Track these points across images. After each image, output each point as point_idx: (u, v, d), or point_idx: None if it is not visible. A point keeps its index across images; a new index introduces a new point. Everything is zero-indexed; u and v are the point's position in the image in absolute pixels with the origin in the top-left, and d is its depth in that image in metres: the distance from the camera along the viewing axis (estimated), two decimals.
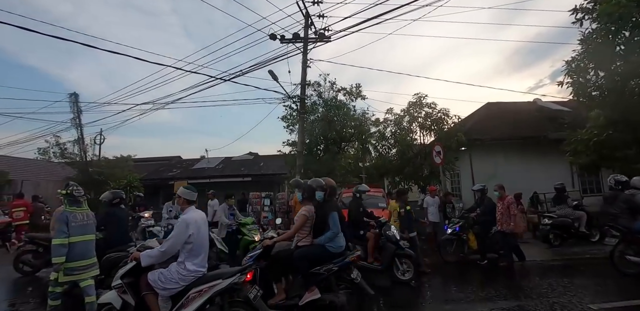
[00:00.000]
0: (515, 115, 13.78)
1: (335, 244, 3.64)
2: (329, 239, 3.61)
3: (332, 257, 3.61)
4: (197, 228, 2.99)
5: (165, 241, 3.00)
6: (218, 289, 2.86)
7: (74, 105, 17.76)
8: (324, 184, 3.90)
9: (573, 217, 7.80)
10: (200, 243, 3.02)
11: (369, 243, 5.56)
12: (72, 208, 3.70)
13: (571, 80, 8.69)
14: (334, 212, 3.68)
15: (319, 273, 3.52)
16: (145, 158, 23.82)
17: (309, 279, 3.49)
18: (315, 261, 3.56)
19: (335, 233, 3.62)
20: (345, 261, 3.62)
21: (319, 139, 11.73)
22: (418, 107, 11.30)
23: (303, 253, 3.58)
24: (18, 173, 20.68)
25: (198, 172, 19.43)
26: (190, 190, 3.18)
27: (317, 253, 3.58)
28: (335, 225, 3.62)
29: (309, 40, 10.72)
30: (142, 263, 2.91)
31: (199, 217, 3.11)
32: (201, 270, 2.99)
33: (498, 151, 11.95)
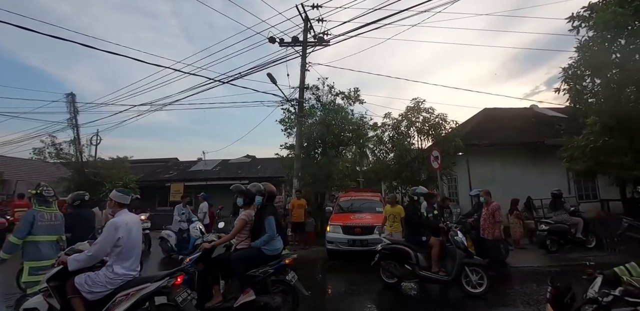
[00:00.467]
0: (512, 121, 13.86)
1: (271, 247, 3.76)
2: (265, 242, 3.72)
3: (268, 260, 3.73)
4: (128, 231, 2.96)
5: (93, 245, 2.98)
6: (145, 292, 2.84)
7: (71, 105, 17.69)
8: (262, 189, 4.03)
9: (570, 223, 7.81)
10: (130, 246, 2.99)
11: (433, 250, 5.16)
12: (40, 207, 3.74)
13: (568, 87, 8.78)
14: (271, 216, 3.80)
15: (255, 275, 3.62)
16: (141, 160, 23.67)
17: (245, 281, 3.58)
18: (251, 264, 3.66)
19: (271, 237, 3.73)
20: (281, 264, 3.74)
21: (316, 143, 11.71)
22: (416, 112, 11.35)
23: (240, 256, 3.68)
24: (12, 173, 20.51)
25: (195, 174, 19.33)
26: (123, 193, 3.18)
27: (254, 256, 3.70)
28: (271, 229, 3.73)
29: (308, 44, 10.76)
30: (69, 267, 2.87)
31: (131, 220, 3.08)
32: (131, 273, 2.96)
33: (495, 156, 12.00)
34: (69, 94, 17.91)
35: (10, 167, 21.00)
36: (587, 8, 8.53)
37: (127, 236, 2.93)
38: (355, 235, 7.42)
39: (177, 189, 15.88)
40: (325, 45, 10.68)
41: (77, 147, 17.85)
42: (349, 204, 9.26)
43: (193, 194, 15.73)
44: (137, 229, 3.10)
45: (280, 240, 3.90)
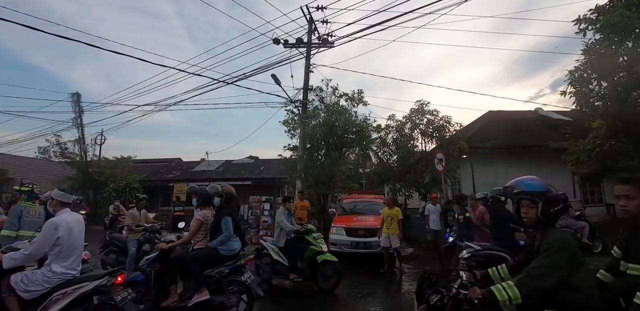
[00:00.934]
0: (516, 124, 13.79)
1: (228, 247, 3.81)
2: (221, 242, 3.77)
3: (224, 260, 3.78)
4: (68, 230, 2.95)
5: (31, 243, 2.99)
6: (83, 291, 2.84)
7: (76, 105, 17.83)
8: (220, 190, 4.11)
9: (575, 228, 7.72)
10: (71, 245, 2.98)
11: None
12: (27, 203, 3.85)
13: (574, 90, 8.68)
14: (228, 217, 3.85)
15: (210, 275, 3.67)
16: (145, 160, 23.77)
17: (200, 281, 3.63)
18: (207, 264, 3.71)
19: (227, 237, 3.78)
20: (237, 265, 3.80)
21: (320, 144, 11.71)
22: (420, 114, 11.32)
23: (196, 256, 3.73)
24: (18, 171, 20.63)
25: (198, 174, 19.37)
26: (66, 192, 3.20)
27: (210, 256, 3.75)
28: (228, 229, 3.78)
29: (312, 46, 10.76)
30: (4, 265, 2.86)
31: (72, 219, 3.08)
32: (70, 272, 2.95)
33: (499, 159, 11.92)
34: (74, 94, 18.09)
35: (15, 165, 21.14)
36: (594, 10, 8.46)
37: (67, 236, 2.93)
38: (359, 237, 7.39)
39: (180, 189, 15.90)
40: (329, 46, 10.67)
41: (81, 146, 17.99)
42: (352, 206, 9.22)
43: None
44: (79, 228, 3.10)
45: (238, 241, 3.96)
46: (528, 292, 1.80)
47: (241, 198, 14.52)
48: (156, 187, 18.09)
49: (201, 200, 4.09)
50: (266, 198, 11.41)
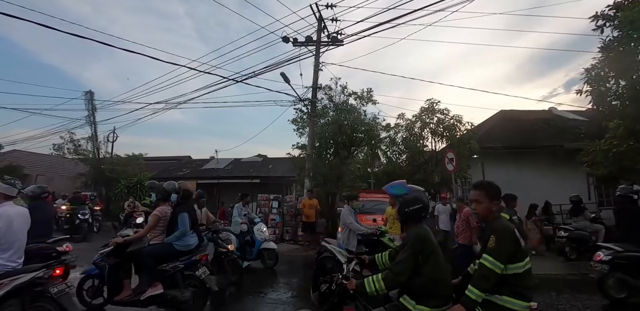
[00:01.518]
0: (529, 124, 13.50)
1: (183, 243, 3.87)
2: (177, 238, 3.84)
3: (179, 255, 3.85)
4: (8, 222, 2.98)
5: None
6: (19, 283, 2.86)
7: (89, 103, 18.15)
8: (178, 187, 4.19)
9: (590, 230, 7.53)
10: (11, 238, 3.00)
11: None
12: None
13: (590, 88, 8.46)
14: (184, 213, 3.93)
15: (164, 269, 3.73)
16: (155, 157, 24.11)
17: (155, 275, 3.69)
18: (162, 259, 3.77)
19: (183, 233, 3.85)
20: (192, 260, 3.86)
21: (328, 143, 11.65)
22: (430, 113, 11.17)
23: (151, 251, 3.80)
24: (33, 168, 21.15)
25: (207, 172, 19.54)
26: (10, 185, 3.25)
27: (165, 251, 3.82)
28: (183, 225, 3.85)
29: (321, 44, 10.73)
30: None
31: (14, 211, 3.12)
32: (9, 264, 2.97)
33: (511, 160, 11.70)
34: (88, 92, 18.40)
35: (30, 162, 21.67)
36: (612, 6, 8.22)
37: (6, 228, 2.97)
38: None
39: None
40: (338, 44, 10.63)
41: (94, 143, 18.31)
42: (361, 205, 9.14)
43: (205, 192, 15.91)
44: (20, 221, 3.14)
45: (195, 237, 4.04)
46: (391, 285, 2.14)
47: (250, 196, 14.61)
48: None
49: (160, 196, 4.16)
50: (274, 197, 11.43)
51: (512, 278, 1.96)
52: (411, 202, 2.35)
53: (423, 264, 2.15)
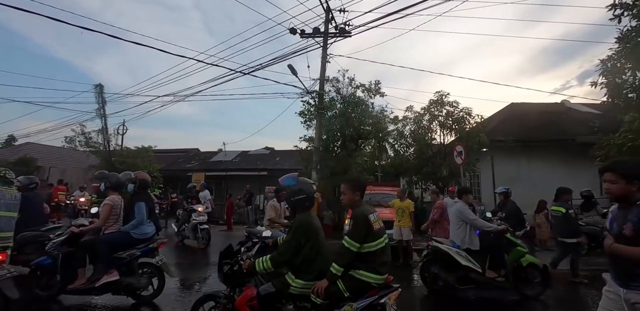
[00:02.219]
0: (540, 117, 13.21)
1: (140, 231, 3.96)
2: (134, 226, 3.91)
3: (136, 243, 3.91)
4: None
5: None
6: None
7: (99, 96, 18.33)
8: (134, 177, 4.30)
9: (602, 226, 7.40)
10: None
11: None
12: (3, 187, 4.02)
13: (606, 80, 8.23)
14: (141, 202, 4.01)
15: (121, 257, 3.80)
16: (164, 150, 24.36)
17: (111, 262, 3.75)
18: (118, 247, 3.84)
19: (139, 222, 3.93)
20: (149, 247, 3.93)
21: (336, 135, 11.62)
22: (439, 106, 11.02)
23: (107, 239, 3.88)
24: (46, 160, 21.57)
25: (215, 164, 19.71)
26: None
27: (121, 240, 3.90)
28: (140, 214, 3.94)
29: (329, 35, 10.59)
30: None
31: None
32: None
33: (521, 154, 11.51)
34: (97, 85, 18.56)
35: (43, 154, 22.09)
36: None
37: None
38: None
39: (198, 179, 16.25)
40: (346, 36, 10.47)
41: (104, 136, 18.55)
42: (368, 198, 9.15)
43: (213, 184, 16.08)
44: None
45: (152, 226, 4.12)
46: (276, 264, 2.46)
47: (257, 188, 14.78)
48: (175, 177, 18.56)
49: (109, 185, 4.20)
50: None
51: (366, 256, 2.36)
52: (296, 192, 2.61)
53: (304, 246, 2.45)
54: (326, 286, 2.30)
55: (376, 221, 2.45)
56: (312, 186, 2.73)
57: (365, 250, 2.36)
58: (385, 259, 2.42)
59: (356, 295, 2.33)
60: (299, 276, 2.45)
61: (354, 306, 2.26)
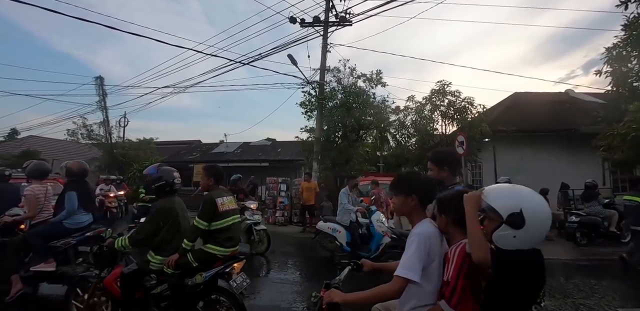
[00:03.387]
0: (544, 107, 13.07)
1: (73, 221, 3.91)
2: (65, 216, 3.85)
3: (71, 233, 3.87)
4: None
5: None
6: None
7: (99, 88, 18.26)
8: (64, 166, 4.22)
9: (603, 216, 7.39)
10: None
11: None
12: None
13: (611, 69, 8.09)
14: (72, 192, 3.93)
15: (56, 246, 3.76)
16: (166, 142, 24.39)
17: (45, 252, 3.72)
18: (52, 237, 3.80)
19: (69, 211, 3.86)
20: (85, 236, 3.90)
21: (337, 126, 11.55)
22: (441, 95, 10.91)
23: (39, 231, 3.84)
24: (49, 153, 21.67)
25: (217, 155, 19.74)
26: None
27: (54, 230, 3.84)
28: (70, 203, 3.86)
29: (329, 24, 10.41)
30: None
31: None
32: None
33: (524, 144, 11.44)
34: (98, 77, 18.47)
35: (46, 147, 22.18)
36: None
37: None
38: None
39: (200, 170, 16.33)
40: (347, 24, 10.30)
41: (106, 128, 18.57)
42: (369, 188, 9.17)
43: None
44: None
45: (88, 215, 4.04)
46: (134, 243, 2.77)
47: (259, 179, 14.81)
48: (177, 168, 18.54)
49: (29, 174, 4.17)
50: (283, 180, 11.52)
51: (215, 232, 2.75)
52: (156, 179, 2.89)
53: (162, 227, 2.75)
54: (177, 259, 2.64)
55: (225, 203, 2.83)
56: (173, 174, 2.96)
57: (213, 228, 2.75)
58: (230, 235, 2.81)
59: (205, 265, 2.67)
60: (158, 253, 2.75)
61: (203, 275, 2.60)
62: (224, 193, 2.92)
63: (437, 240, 1.52)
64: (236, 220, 2.95)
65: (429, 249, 1.46)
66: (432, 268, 1.47)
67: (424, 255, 1.44)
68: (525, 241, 1.28)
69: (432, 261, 1.47)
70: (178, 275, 2.68)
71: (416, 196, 1.58)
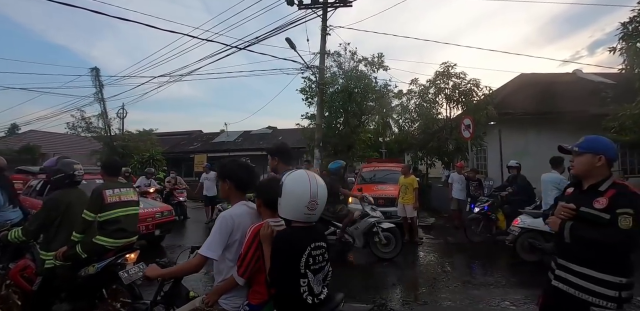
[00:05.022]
0: (551, 88, 12.66)
1: (1, 218, 3.82)
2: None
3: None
4: None
5: None
6: None
7: (95, 80, 17.92)
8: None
9: None
10: None
11: None
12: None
13: (626, 45, 7.68)
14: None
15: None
16: (167, 133, 24.20)
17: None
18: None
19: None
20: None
21: (338, 112, 11.29)
22: (445, 78, 10.53)
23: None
24: (49, 147, 21.56)
25: (217, 145, 19.58)
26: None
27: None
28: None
29: (328, 4, 9.97)
30: None
31: None
32: None
33: (531, 126, 11.14)
34: (93, 69, 18.10)
35: (47, 141, 22.05)
36: None
37: None
38: (378, 207, 7.22)
39: (201, 160, 16.22)
40: (347, 4, 9.85)
41: (105, 120, 18.34)
42: (372, 175, 9.00)
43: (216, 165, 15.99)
44: None
45: (17, 211, 3.96)
46: (26, 234, 2.78)
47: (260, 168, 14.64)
48: (178, 159, 18.50)
49: None
50: None
51: (104, 224, 2.80)
52: (54, 172, 2.88)
53: (55, 218, 2.77)
54: (65, 250, 2.68)
55: (114, 195, 2.89)
56: (73, 166, 2.92)
57: (102, 219, 2.80)
58: (121, 227, 2.86)
59: (96, 256, 2.75)
60: (49, 249, 2.76)
61: (95, 266, 2.67)
62: (117, 185, 2.99)
63: (246, 220, 1.71)
64: (130, 212, 3.00)
65: (231, 229, 1.65)
66: (236, 245, 1.65)
67: (224, 235, 1.63)
68: (282, 209, 1.56)
69: (235, 240, 1.65)
70: (69, 266, 2.73)
71: (230, 181, 1.80)
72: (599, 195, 1.68)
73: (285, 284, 1.50)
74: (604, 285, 1.59)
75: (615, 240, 1.57)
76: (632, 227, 1.52)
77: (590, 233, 1.64)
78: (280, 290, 1.51)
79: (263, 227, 1.59)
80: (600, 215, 1.63)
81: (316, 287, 1.54)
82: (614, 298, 1.57)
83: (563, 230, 1.70)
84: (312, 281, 1.52)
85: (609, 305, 1.57)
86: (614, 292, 1.57)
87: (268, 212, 1.71)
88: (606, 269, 1.60)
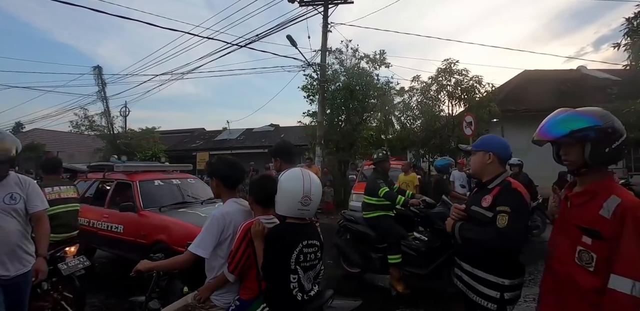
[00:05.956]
0: (555, 84, 12.57)
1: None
2: None
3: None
4: None
5: None
6: None
7: (98, 78, 17.99)
8: None
9: None
10: None
11: None
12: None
13: (631, 41, 7.61)
14: None
15: None
16: (169, 131, 24.28)
17: None
18: None
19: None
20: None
21: (340, 109, 11.24)
22: (447, 74, 10.46)
23: None
24: (53, 145, 21.72)
25: (220, 143, 19.63)
26: None
27: None
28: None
29: (329, 2, 9.94)
30: None
31: None
32: None
33: (534, 123, 10.63)
34: (96, 67, 18.16)
35: (50, 139, 22.21)
36: None
37: None
38: None
39: (203, 158, 16.27)
40: (348, 1, 9.81)
41: (108, 118, 18.42)
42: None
43: None
44: None
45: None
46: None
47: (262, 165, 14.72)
48: (181, 157, 18.57)
49: None
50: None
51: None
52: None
53: None
54: None
55: (53, 193, 3.15)
56: None
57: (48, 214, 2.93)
58: (61, 222, 3.09)
59: None
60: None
61: None
62: (57, 183, 3.26)
63: (237, 217, 1.72)
64: (70, 209, 3.27)
65: (223, 227, 1.66)
66: (228, 242, 1.67)
67: (215, 233, 1.64)
68: (278, 205, 1.59)
69: (227, 237, 1.67)
70: None
71: (217, 179, 1.82)
72: (486, 193, 1.67)
73: (275, 279, 1.52)
74: (487, 285, 1.58)
75: (488, 239, 1.55)
76: (506, 226, 1.50)
77: (469, 233, 1.63)
78: (271, 285, 1.54)
79: (254, 224, 1.60)
80: (485, 213, 1.62)
81: (307, 284, 1.56)
82: (495, 299, 1.56)
83: (454, 231, 1.70)
84: (303, 278, 1.53)
85: (489, 305, 1.57)
86: (495, 293, 1.56)
87: (259, 209, 1.73)
88: (491, 269, 1.59)
